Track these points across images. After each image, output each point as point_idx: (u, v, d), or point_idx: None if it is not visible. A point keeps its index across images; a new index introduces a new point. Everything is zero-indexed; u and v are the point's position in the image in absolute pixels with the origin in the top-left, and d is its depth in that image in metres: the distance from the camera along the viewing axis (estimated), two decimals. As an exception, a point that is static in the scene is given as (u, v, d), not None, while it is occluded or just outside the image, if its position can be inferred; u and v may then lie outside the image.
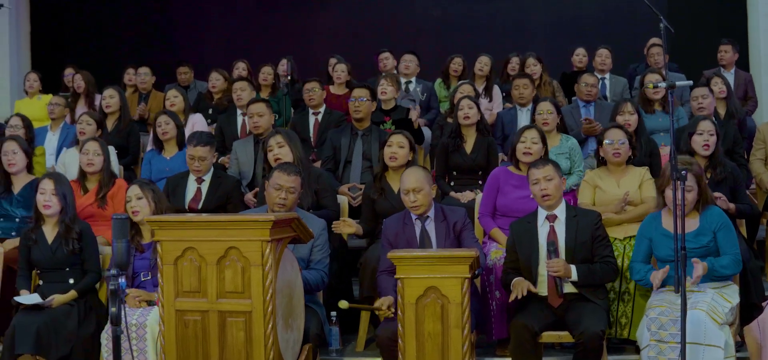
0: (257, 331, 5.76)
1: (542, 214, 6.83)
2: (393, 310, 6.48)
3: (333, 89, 11.54)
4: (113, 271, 4.29)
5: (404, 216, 6.95)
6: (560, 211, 6.83)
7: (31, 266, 7.26)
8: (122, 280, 4.28)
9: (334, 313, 7.27)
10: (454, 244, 6.77)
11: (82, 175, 8.25)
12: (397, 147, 7.82)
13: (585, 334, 6.35)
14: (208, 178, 8.32)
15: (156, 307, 6.76)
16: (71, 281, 7.10)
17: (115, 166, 8.94)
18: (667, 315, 6.27)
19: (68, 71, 12.69)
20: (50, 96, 11.71)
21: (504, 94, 11.81)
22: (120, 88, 10.96)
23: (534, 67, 11.76)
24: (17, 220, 8.14)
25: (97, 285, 7.33)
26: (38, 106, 11.67)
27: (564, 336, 6.67)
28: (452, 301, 6.01)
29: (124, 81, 12.47)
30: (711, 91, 9.64)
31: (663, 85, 8.21)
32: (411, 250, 6.59)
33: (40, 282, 7.20)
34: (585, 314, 6.50)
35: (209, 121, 10.98)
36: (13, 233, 8.07)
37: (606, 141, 7.78)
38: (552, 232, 6.77)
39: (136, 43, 15.37)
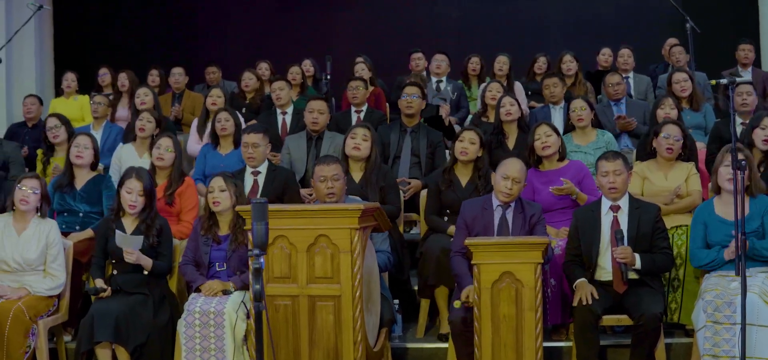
0: (346, 314, 6.05)
1: (606, 203, 7.10)
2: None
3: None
4: (256, 251, 4.57)
5: (484, 201, 7.20)
6: (624, 202, 7.11)
7: (105, 255, 7.48)
8: (262, 259, 4.55)
9: (396, 301, 7.53)
10: (528, 234, 6.97)
11: (153, 169, 8.40)
12: (468, 142, 8.03)
13: (645, 316, 6.65)
14: (263, 170, 8.49)
15: (232, 296, 7.00)
16: (145, 273, 7.31)
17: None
18: (722, 298, 6.56)
19: (103, 71, 12.81)
20: (86, 96, 11.96)
21: (529, 93, 12.04)
22: (152, 88, 11.15)
23: (570, 63, 11.95)
24: (80, 214, 8.34)
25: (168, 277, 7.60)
26: (75, 106, 11.86)
27: (623, 319, 6.96)
28: (526, 286, 6.29)
29: (148, 82, 12.52)
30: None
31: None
32: (487, 238, 6.85)
33: (114, 272, 7.40)
34: (644, 298, 6.79)
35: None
36: (77, 227, 8.27)
37: (662, 134, 8.06)
38: (616, 222, 7.03)
39: (159, 44, 15.50)
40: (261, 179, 8.47)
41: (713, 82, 7.68)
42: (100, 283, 7.32)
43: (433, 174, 8.42)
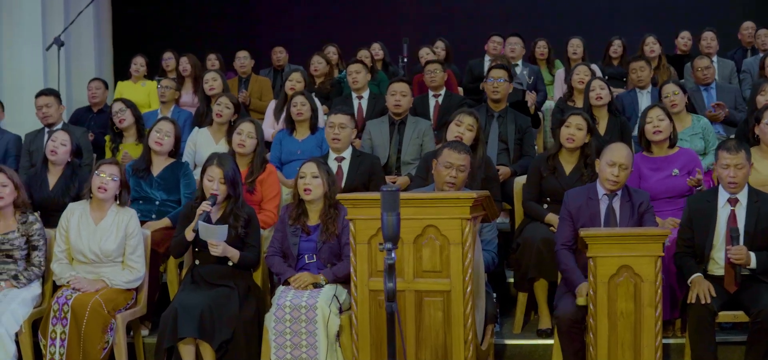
0: (456, 310, 5.65)
1: (724, 195, 6.64)
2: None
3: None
4: (388, 245, 4.13)
5: (589, 190, 6.79)
6: (743, 195, 6.65)
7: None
8: (394, 253, 4.12)
9: (494, 294, 7.12)
10: (637, 224, 6.59)
11: (232, 155, 7.96)
12: (575, 128, 7.61)
13: (763, 312, 6.25)
14: (348, 156, 8.15)
15: (324, 289, 6.63)
16: (230, 264, 6.94)
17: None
18: None
19: (167, 55, 12.52)
20: (154, 82, 11.69)
21: (606, 77, 11.61)
22: (221, 72, 10.82)
23: (653, 45, 11.57)
24: (157, 202, 8.01)
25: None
26: (142, 91, 11.55)
27: (739, 316, 6.54)
28: (646, 280, 5.89)
29: (207, 66, 12.21)
30: None
31: None
32: (604, 229, 6.44)
33: (197, 262, 7.03)
34: (761, 294, 6.37)
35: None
36: (153, 216, 7.95)
37: (765, 121, 7.64)
38: (733, 216, 6.59)
39: (221, 27, 15.31)
40: (346, 165, 8.14)
41: None
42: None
43: (536, 158, 8.00)
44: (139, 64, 12.00)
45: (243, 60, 12.20)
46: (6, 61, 12.22)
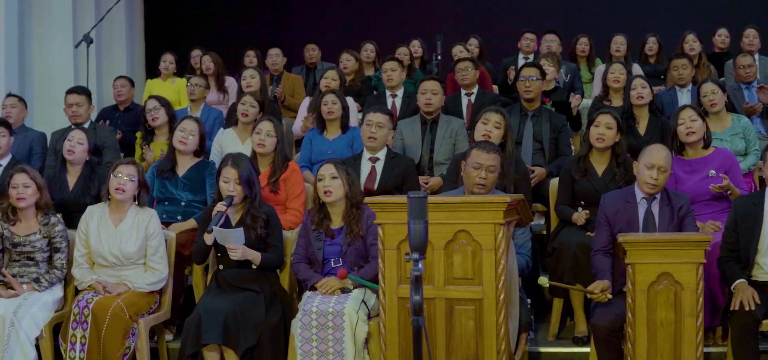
0: (488, 319, 5.41)
1: None
2: (609, 295, 6.11)
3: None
4: (414, 255, 3.87)
5: (626, 194, 6.55)
6: (790, 194, 6.40)
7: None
8: (421, 264, 3.87)
9: (529, 300, 6.88)
10: (676, 229, 6.35)
11: (254, 155, 7.83)
12: (604, 127, 7.38)
13: (809, 321, 5.99)
14: (382, 157, 7.93)
15: (352, 294, 6.43)
16: (254, 267, 6.73)
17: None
18: None
19: (195, 52, 12.39)
20: (184, 79, 11.50)
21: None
22: (260, 70, 10.67)
23: (693, 43, 11.34)
24: (182, 203, 7.84)
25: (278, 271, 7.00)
26: (171, 89, 11.37)
27: (787, 324, 6.27)
28: (687, 288, 5.65)
29: (245, 63, 12.09)
30: None
31: None
32: (643, 234, 6.20)
33: (220, 266, 6.83)
34: (810, 300, 6.12)
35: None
36: (179, 217, 7.78)
37: None
38: (781, 222, 6.34)
39: (252, 25, 15.14)
40: (380, 166, 7.93)
41: None
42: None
43: (566, 162, 7.76)
44: (168, 61, 11.86)
45: (275, 57, 12.00)
46: (36, 57, 12.14)
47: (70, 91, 9.23)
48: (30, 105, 11.22)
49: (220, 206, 6.68)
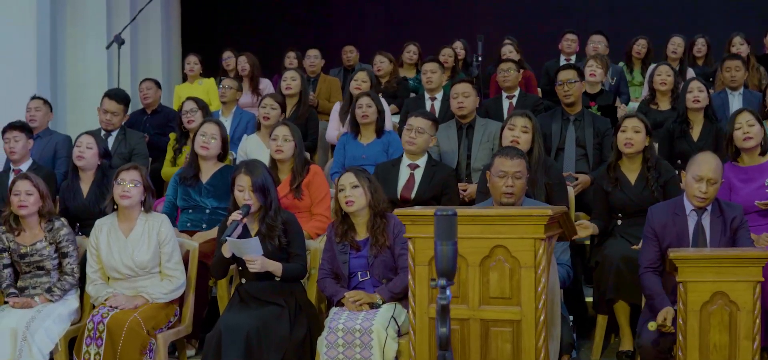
0: (527, 342, 5.00)
1: None
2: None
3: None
4: (441, 281, 3.43)
5: (675, 206, 6.13)
6: None
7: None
8: (449, 291, 3.42)
9: (570, 317, 6.45)
10: (729, 243, 5.93)
11: (272, 163, 7.51)
12: (632, 132, 6.99)
13: None
14: (422, 164, 7.53)
15: (381, 310, 6.04)
16: (277, 279, 6.36)
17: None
18: None
19: (227, 54, 12.11)
20: (212, 80, 11.29)
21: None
22: (302, 72, 10.36)
23: (740, 46, 10.98)
24: (207, 211, 7.53)
25: (304, 281, 6.63)
26: (200, 91, 11.01)
27: None
28: (742, 309, 5.24)
29: (285, 64, 11.81)
30: None
31: None
32: (695, 250, 5.78)
33: (242, 280, 6.47)
34: None
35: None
36: (203, 225, 7.47)
37: None
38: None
39: (290, 26, 14.89)
40: (419, 174, 7.52)
41: None
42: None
43: (596, 174, 7.40)
44: (192, 62, 11.57)
45: (313, 59, 11.72)
46: (70, 59, 11.96)
47: (108, 96, 8.98)
48: (62, 108, 11.10)
49: (235, 215, 6.33)
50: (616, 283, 6.59)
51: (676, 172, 7.27)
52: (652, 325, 5.66)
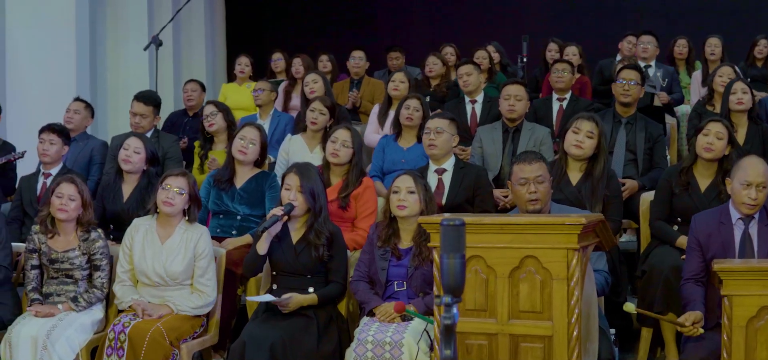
0: (559, 358, 4.68)
1: None
2: (700, 329, 5.39)
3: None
4: (446, 299, 3.11)
5: (721, 214, 5.79)
6: None
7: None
8: (455, 310, 3.11)
9: (612, 331, 6.12)
10: None
11: (326, 165, 7.28)
12: (714, 137, 6.67)
13: None
14: (450, 168, 7.24)
15: (413, 322, 5.77)
16: (311, 290, 6.14)
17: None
18: None
19: (276, 55, 11.93)
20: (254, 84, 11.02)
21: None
22: (323, 74, 10.15)
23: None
24: (238, 217, 7.29)
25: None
26: (247, 93, 10.83)
27: None
28: (792, 326, 4.89)
29: (319, 68, 11.59)
30: None
31: None
32: (741, 261, 5.45)
33: (275, 286, 6.24)
34: None
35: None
36: (234, 232, 7.25)
37: None
38: None
39: (336, 27, 14.79)
40: (447, 178, 7.22)
41: None
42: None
43: (666, 172, 7.03)
44: (243, 64, 11.39)
45: (357, 60, 11.53)
46: (111, 61, 11.85)
47: (137, 97, 8.77)
48: (102, 111, 10.97)
49: (277, 210, 6.13)
50: (663, 294, 6.29)
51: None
52: (628, 307, 5.50)
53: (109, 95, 11.71)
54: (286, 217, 6.14)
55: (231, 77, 12.87)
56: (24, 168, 8.46)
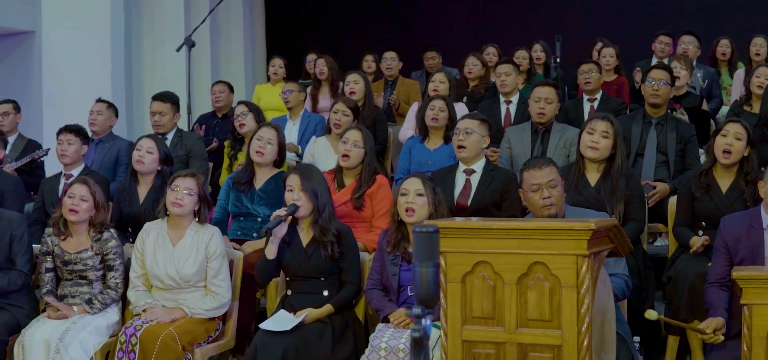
0: (568, 369, 4.51)
1: None
2: (722, 335, 5.21)
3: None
4: (417, 310, 2.93)
5: (751, 217, 5.60)
6: None
7: (279, 268, 6.25)
8: (428, 321, 2.95)
9: (637, 339, 5.92)
10: None
11: (339, 167, 7.19)
12: (733, 138, 6.48)
13: None
14: (479, 169, 7.09)
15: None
16: (326, 293, 6.03)
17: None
18: None
19: (310, 57, 11.85)
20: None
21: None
22: (364, 73, 10.02)
23: None
24: (259, 219, 7.17)
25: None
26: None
27: None
28: (813, 338, 4.69)
29: (363, 68, 11.48)
30: None
31: None
32: (763, 268, 5.26)
33: (289, 291, 6.15)
34: None
35: (467, 110, 9.87)
36: (254, 235, 7.12)
37: None
38: None
39: (376, 29, 14.65)
40: (475, 180, 7.06)
41: None
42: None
43: (686, 176, 6.81)
44: (277, 65, 11.26)
45: (390, 61, 11.33)
46: (147, 63, 11.78)
47: (155, 98, 8.72)
48: (138, 112, 10.96)
49: (280, 211, 6.03)
50: (688, 301, 6.11)
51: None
52: (650, 314, 5.35)
53: (146, 97, 11.61)
54: (290, 218, 6.05)
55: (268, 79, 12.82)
56: (52, 170, 8.42)
